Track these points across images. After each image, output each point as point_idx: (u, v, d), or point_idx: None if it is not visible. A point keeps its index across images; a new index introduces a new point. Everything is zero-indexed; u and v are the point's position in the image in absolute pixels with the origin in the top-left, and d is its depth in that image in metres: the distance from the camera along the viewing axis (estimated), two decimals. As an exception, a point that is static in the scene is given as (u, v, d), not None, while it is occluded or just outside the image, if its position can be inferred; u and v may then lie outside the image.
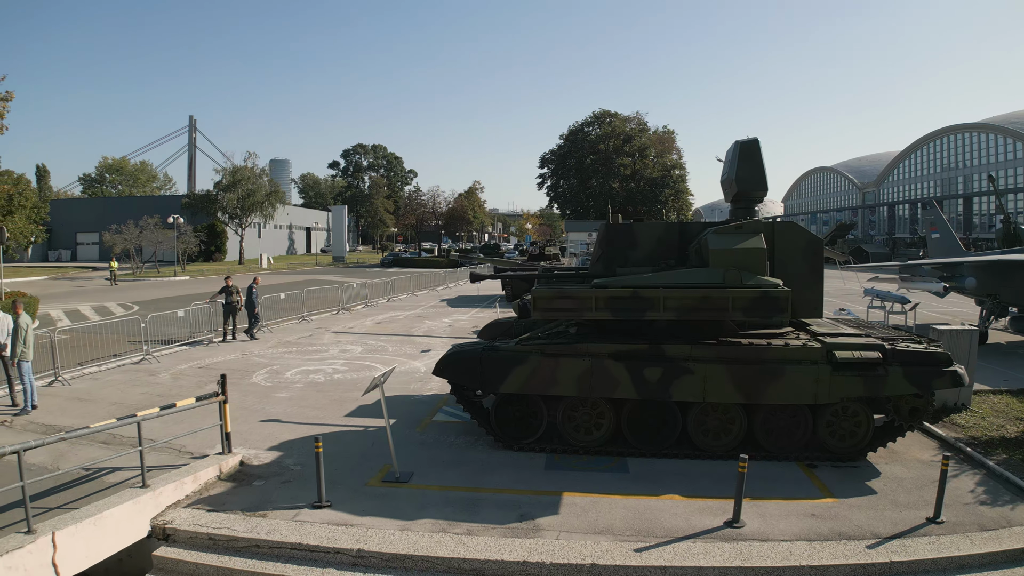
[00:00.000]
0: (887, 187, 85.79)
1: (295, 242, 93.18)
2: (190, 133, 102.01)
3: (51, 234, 66.63)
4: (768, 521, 6.92)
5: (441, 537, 6.58)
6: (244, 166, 60.25)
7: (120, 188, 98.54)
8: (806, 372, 8.34)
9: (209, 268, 52.17)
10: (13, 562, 5.10)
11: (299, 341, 18.25)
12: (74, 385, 12.10)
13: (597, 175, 64.00)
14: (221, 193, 58.06)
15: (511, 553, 6.25)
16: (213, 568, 6.32)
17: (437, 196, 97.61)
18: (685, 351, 8.59)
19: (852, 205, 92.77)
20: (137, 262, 47.00)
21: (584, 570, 6.09)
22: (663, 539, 6.53)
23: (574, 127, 67.06)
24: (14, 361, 9.69)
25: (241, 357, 15.61)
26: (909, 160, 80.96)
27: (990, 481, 7.92)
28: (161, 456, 8.46)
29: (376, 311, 25.80)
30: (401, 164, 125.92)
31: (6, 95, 16.04)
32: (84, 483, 7.42)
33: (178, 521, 6.75)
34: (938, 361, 8.24)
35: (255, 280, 19.21)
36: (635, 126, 64.91)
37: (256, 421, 10.47)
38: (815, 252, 9.54)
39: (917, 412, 8.53)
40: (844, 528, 6.75)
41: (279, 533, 6.61)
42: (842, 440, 8.72)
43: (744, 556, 6.16)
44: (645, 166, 62.89)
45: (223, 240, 62.00)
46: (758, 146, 9.71)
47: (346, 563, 6.33)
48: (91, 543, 5.84)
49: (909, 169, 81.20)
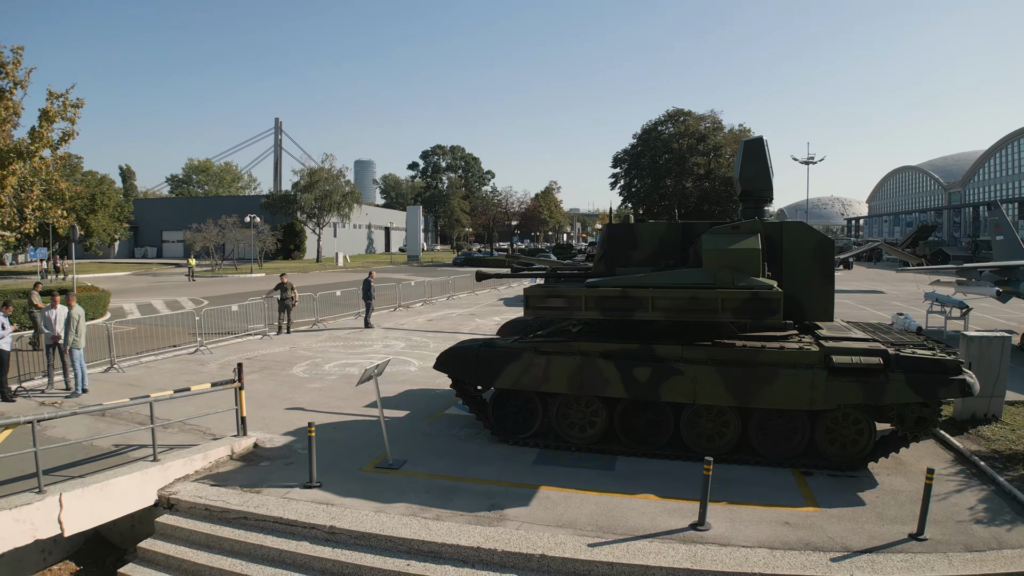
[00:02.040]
0: (973, 187, 79.77)
1: (374, 241, 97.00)
2: (276, 135, 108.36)
3: (137, 232, 72.51)
4: (736, 526, 6.82)
5: (409, 520, 6.97)
6: (322, 167, 63.41)
7: (206, 188, 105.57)
8: (801, 376, 8.09)
9: (285, 266, 55.39)
10: (21, 515, 5.96)
11: (348, 336, 19.25)
12: (127, 372, 13.45)
13: (671, 174, 62.73)
14: (299, 193, 61.36)
15: (468, 539, 6.55)
16: (204, 535, 7.03)
17: (509, 196, 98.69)
18: (676, 352, 8.54)
19: (936, 206, 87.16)
20: (217, 259, 50.42)
21: (534, 560, 6.29)
22: (621, 536, 6.61)
23: (647, 126, 66.01)
24: (67, 349, 10.99)
25: (288, 350, 16.70)
26: (996, 159, 74.85)
27: (996, 499, 7.39)
28: (187, 436, 9.38)
29: (432, 309, 26.65)
30: (479, 165, 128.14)
31: (77, 102, 17.87)
32: (111, 456, 8.36)
33: (182, 493, 7.53)
34: (944, 368, 7.76)
35: (371, 273, 21.43)
36: (709, 125, 63.15)
37: (282, 408, 11.29)
38: (825, 253, 9.20)
39: (923, 422, 8.07)
40: (814, 538, 6.56)
41: (266, 508, 7.23)
42: (842, 448, 8.38)
43: (696, 559, 6.14)
44: (720, 165, 60.94)
45: (302, 239, 65.51)
46: (763, 145, 9.46)
47: (319, 538, 6.85)
48: (96, 506, 6.68)
49: (996, 168, 75.07)
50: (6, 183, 16.97)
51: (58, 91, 17.68)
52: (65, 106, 17.53)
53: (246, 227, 50.33)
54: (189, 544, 7.00)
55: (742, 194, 9.95)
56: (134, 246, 74.53)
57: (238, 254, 54.39)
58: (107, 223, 41.53)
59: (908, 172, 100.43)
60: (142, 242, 75.17)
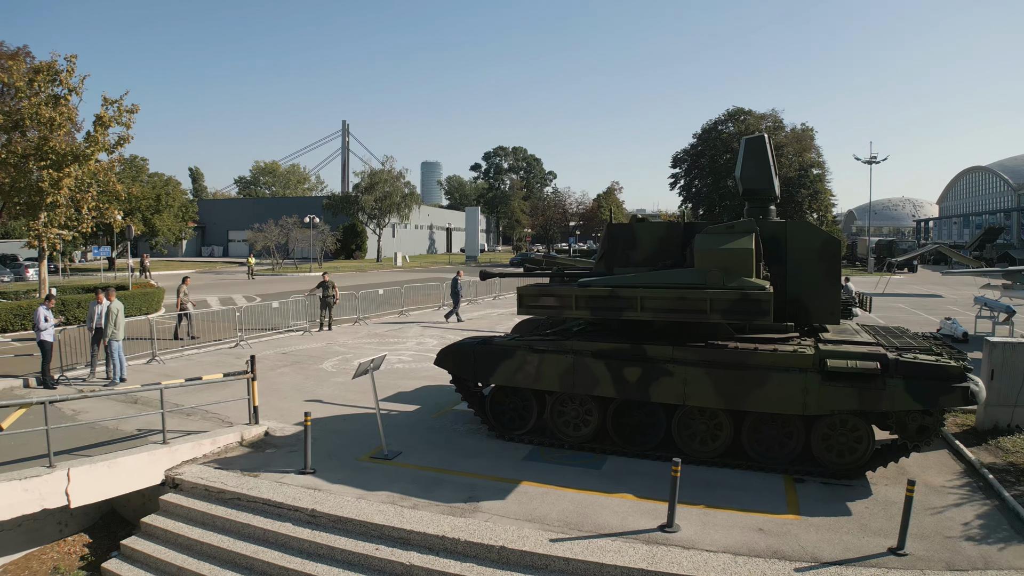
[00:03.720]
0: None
1: (435, 242, 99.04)
2: (343, 137, 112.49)
3: (204, 231, 76.47)
4: (707, 530, 6.73)
5: (386, 508, 7.26)
6: (382, 169, 65.36)
7: (273, 190, 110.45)
8: (794, 380, 7.85)
9: (344, 265, 57.43)
10: (30, 486, 6.66)
11: (386, 333, 19.90)
12: (167, 364, 14.45)
13: (731, 174, 61.44)
14: (360, 195, 63.49)
15: (435, 528, 6.77)
16: (200, 512, 7.58)
17: (567, 197, 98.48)
18: (666, 352, 8.46)
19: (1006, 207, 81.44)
20: (278, 258, 52.74)
21: (494, 551, 6.44)
22: (586, 534, 6.65)
23: (707, 125, 64.70)
24: (105, 340, 11.97)
25: (324, 346, 17.46)
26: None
27: (997, 515, 6.92)
28: (204, 423, 10.08)
29: (476, 308, 27.08)
30: (540, 166, 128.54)
31: (132, 107, 19.24)
32: (132, 438, 9.11)
33: (186, 474, 8.13)
34: (947, 375, 7.33)
35: (459, 273, 23.34)
36: (770, 124, 61.28)
37: (301, 400, 11.88)
38: (831, 254, 8.86)
39: (925, 431, 7.66)
40: (783, 547, 6.38)
41: (257, 490, 7.71)
42: (839, 456, 8.06)
43: (653, 560, 6.11)
44: (781, 165, 59.07)
45: (363, 239, 67.74)
46: (763, 143, 9.20)
47: (301, 520, 7.26)
48: (103, 482, 7.34)
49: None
50: (62, 184, 18.50)
51: (112, 97, 19.16)
52: (120, 111, 18.97)
53: (305, 227, 52.50)
54: (186, 521, 7.58)
55: (744, 193, 9.72)
56: (201, 245, 78.55)
57: (299, 253, 56.74)
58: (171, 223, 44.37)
59: (978, 173, 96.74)
60: (209, 241, 79.28)
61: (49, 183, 18.22)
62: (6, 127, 18.99)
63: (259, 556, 6.89)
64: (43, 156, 18.27)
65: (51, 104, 18.60)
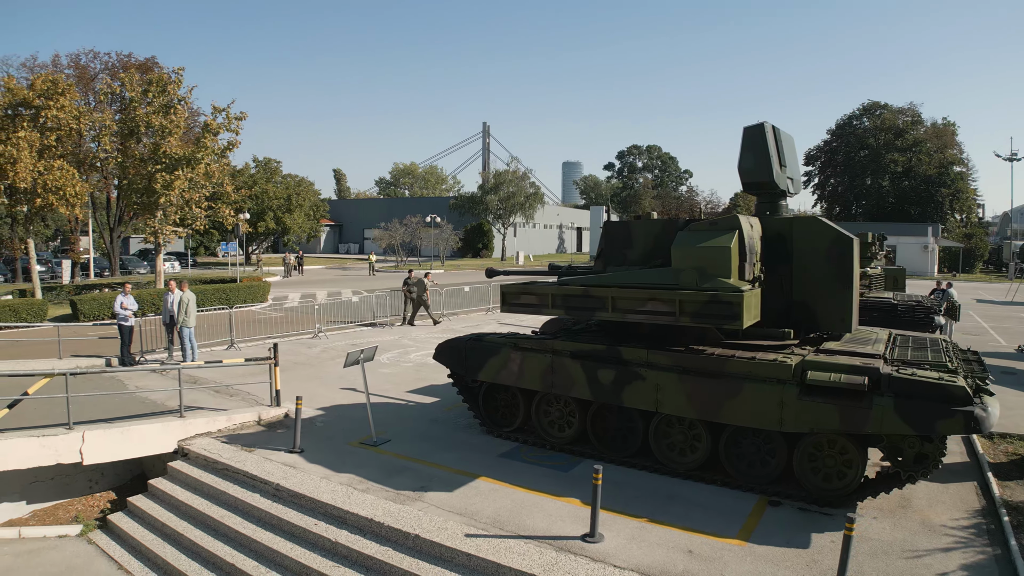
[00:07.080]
0: None
1: (564, 241, 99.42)
2: (484, 138, 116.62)
3: (342, 229, 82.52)
4: (631, 544, 6.33)
5: (338, 488, 7.70)
6: (507, 170, 67.03)
7: (412, 190, 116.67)
8: (769, 392, 7.09)
9: (466, 263, 59.57)
10: (47, 443, 7.96)
11: (464, 329, 20.57)
12: (243, 350, 16.11)
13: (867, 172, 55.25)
14: (486, 195, 65.64)
15: (369, 511, 7.07)
16: (195, 479, 8.56)
17: (693, 195, 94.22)
18: (641, 355, 8.03)
19: None
20: (402, 255, 55.91)
21: (409, 538, 6.60)
22: (504, 534, 6.57)
23: (841, 121, 58.77)
24: (178, 327, 13.67)
25: (395, 339, 18.46)
26: None
27: (991, 565, 5.71)
28: (234, 402, 11.24)
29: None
30: (676, 164, 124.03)
31: (240, 115, 21.46)
32: (166, 412, 10.32)
33: (195, 445, 9.19)
34: (946, 396, 6.19)
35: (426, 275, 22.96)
36: (908, 119, 54.30)
37: (337, 388, 12.73)
38: (843, 253, 7.83)
39: (924, 460, 6.53)
40: (703, 573, 5.83)
41: (243, 463, 8.53)
42: (826, 480, 7.12)
43: (549, 568, 5.90)
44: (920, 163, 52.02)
45: (489, 238, 69.90)
46: (763, 132, 8.31)
47: (268, 492, 7.93)
48: (115, 446, 8.55)
49: None
50: (174, 186, 21.17)
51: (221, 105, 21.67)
52: (229, 119, 21.38)
53: (428, 226, 55.34)
54: (184, 486, 8.59)
55: (744, 187, 8.86)
56: (338, 242, 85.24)
57: (425, 252, 59.94)
58: (303, 221, 48.78)
59: None
60: (346, 238, 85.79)
61: (162, 184, 20.92)
62: (123, 133, 22.05)
63: (224, 520, 7.66)
64: (158, 160, 20.98)
65: (161, 113, 21.34)
